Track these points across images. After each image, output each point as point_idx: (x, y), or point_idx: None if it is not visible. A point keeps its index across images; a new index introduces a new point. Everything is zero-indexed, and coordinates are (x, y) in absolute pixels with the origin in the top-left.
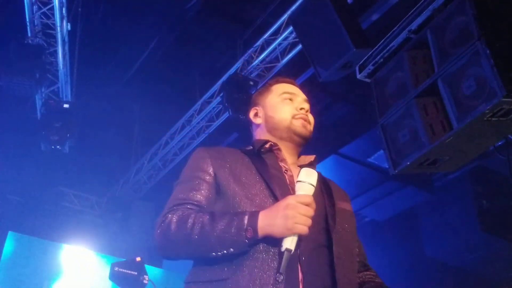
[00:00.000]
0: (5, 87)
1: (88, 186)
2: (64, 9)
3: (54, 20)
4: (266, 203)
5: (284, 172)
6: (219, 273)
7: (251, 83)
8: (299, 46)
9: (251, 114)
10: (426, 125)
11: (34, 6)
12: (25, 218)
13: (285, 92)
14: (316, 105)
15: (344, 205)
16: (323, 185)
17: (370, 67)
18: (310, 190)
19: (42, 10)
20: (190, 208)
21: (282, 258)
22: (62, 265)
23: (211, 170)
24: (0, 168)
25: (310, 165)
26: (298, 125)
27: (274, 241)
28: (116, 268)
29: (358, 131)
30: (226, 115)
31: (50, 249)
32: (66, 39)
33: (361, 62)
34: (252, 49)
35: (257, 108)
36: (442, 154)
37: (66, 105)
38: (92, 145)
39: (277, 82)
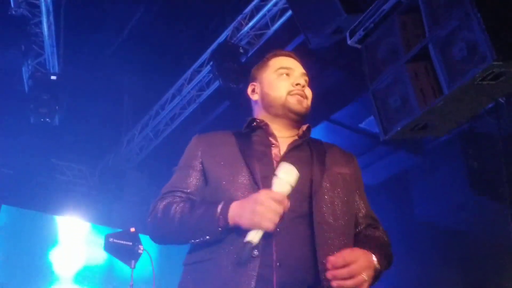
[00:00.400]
0: None
1: (80, 158)
2: None
3: None
4: (245, 182)
5: (272, 146)
6: (204, 254)
7: (241, 51)
8: (289, 12)
9: (249, 90)
10: (417, 90)
11: None
12: (18, 191)
13: (281, 68)
14: (306, 71)
15: (341, 169)
16: (315, 151)
17: (361, 33)
18: (286, 188)
19: None
20: (179, 196)
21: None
22: (57, 237)
23: (200, 158)
24: None
25: (303, 135)
26: (293, 102)
27: None
28: (111, 239)
29: (348, 97)
30: (217, 84)
31: (45, 221)
32: (51, 9)
33: (351, 28)
34: (241, 15)
35: (254, 83)
36: (432, 118)
37: (53, 77)
38: (82, 116)
39: (275, 55)
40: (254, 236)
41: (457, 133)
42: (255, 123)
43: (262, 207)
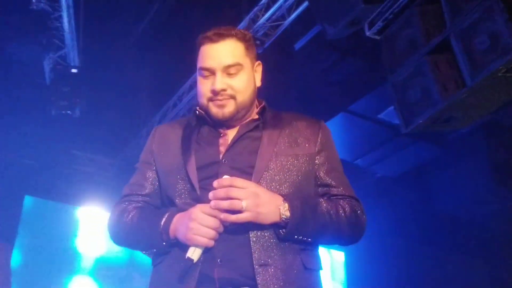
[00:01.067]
0: (13, 53)
1: (99, 149)
2: None
3: None
4: (183, 180)
5: (220, 136)
6: (159, 258)
7: (258, 42)
8: (306, 3)
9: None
10: (439, 82)
11: None
12: (40, 181)
13: (201, 68)
14: (324, 62)
15: (295, 150)
16: (268, 133)
17: (380, 24)
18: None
19: None
20: (135, 201)
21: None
22: (78, 227)
23: (153, 152)
24: (12, 133)
25: (259, 116)
26: (214, 111)
27: None
28: None
29: (367, 87)
30: None
31: (66, 211)
32: (71, 3)
33: (370, 19)
34: (257, 7)
35: None
36: (455, 111)
37: (74, 70)
38: (102, 107)
39: (203, 40)
40: (193, 253)
41: (479, 124)
42: (198, 114)
43: (194, 223)
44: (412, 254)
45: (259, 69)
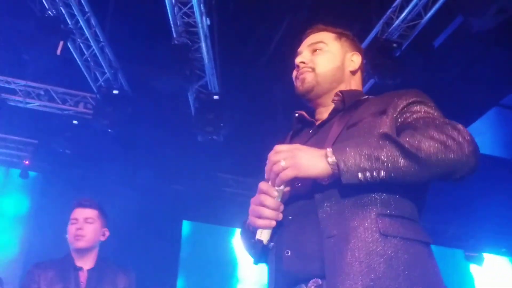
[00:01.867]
0: (160, 88)
1: (244, 170)
2: (202, 5)
3: (194, 18)
4: None
5: (310, 134)
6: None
7: (394, 45)
8: None
9: None
10: None
11: (175, 8)
12: (194, 206)
13: (297, 55)
14: (467, 56)
15: (369, 119)
16: (342, 115)
17: None
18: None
19: (183, 11)
20: None
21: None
22: (236, 249)
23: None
24: (165, 162)
25: (339, 105)
26: (297, 86)
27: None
28: None
29: None
30: (371, 82)
31: (223, 233)
32: (207, 33)
33: None
34: (390, 10)
35: None
36: None
37: (215, 97)
38: (244, 129)
39: (302, 38)
40: (261, 234)
41: None
42: (297, 116)
43: (252, 205)
44: None
45: (356, 59)
